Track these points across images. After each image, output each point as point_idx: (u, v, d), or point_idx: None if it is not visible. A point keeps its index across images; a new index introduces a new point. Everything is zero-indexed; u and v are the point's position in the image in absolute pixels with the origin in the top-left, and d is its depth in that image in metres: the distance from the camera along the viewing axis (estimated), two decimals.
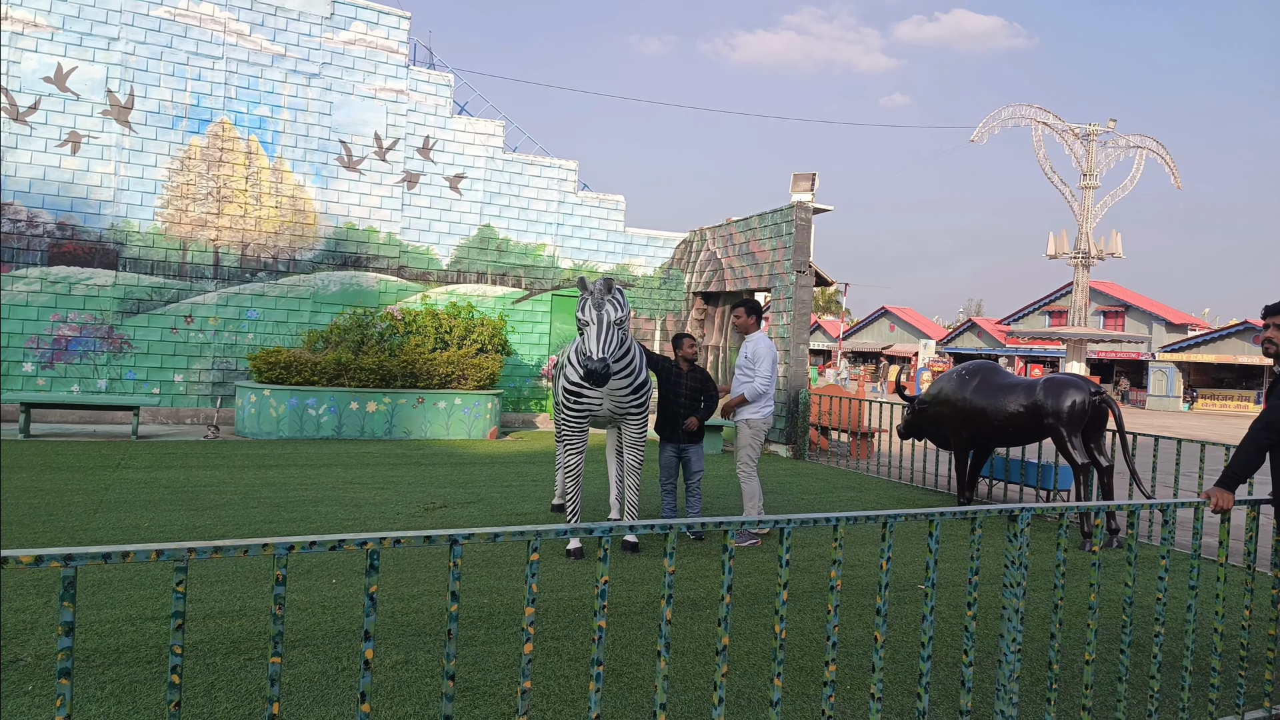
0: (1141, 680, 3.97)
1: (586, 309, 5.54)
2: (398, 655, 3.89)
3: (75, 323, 12.29)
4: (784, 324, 12.86)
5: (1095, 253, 28.08)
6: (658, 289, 16.51)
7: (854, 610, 4.91)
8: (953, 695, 3.75)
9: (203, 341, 13.01)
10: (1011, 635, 3.00)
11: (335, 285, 13.88)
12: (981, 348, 51.29)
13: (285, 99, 13.51)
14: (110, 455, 9.34)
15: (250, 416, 11.63)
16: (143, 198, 12.67)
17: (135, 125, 12.59)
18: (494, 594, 4.91)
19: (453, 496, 7.89)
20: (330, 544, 2.03)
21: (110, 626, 4.06)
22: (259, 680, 3.52)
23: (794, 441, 12.47)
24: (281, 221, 13.52)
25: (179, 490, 7.54)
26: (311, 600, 4.62)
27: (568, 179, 15.74)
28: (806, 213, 12.85)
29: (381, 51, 14.16)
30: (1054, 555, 3.15)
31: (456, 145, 14.79)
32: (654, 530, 2.44)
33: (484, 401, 12.84)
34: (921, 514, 2.87)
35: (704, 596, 5.09)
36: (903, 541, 6.80)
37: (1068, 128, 28.14)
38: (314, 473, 8.85)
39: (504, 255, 15.22)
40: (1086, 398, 7.32)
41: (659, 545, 6.35)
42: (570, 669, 3.84)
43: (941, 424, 8.58)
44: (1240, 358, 39.65)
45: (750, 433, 6.58)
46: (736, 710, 3.49)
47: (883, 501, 8.96)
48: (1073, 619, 4.86)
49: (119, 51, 12.47)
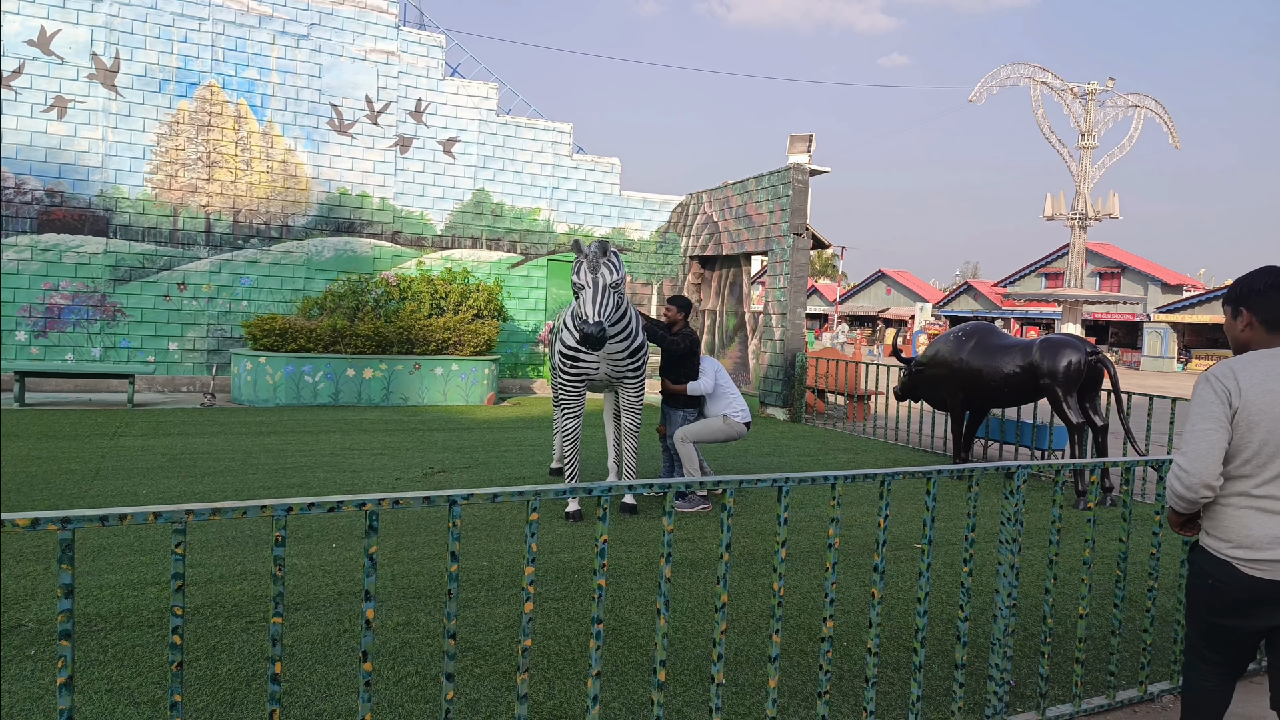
0: (1134, 634, 4.02)
1: (582, 272, 5.50)
2: (399, 617, 3.92)
3: (67, 291, 12.21)
4: (781, 287, 12.82)
5: (1092, 214, 27.96)
6: (654, 253, 16.42)
7: (851, 569, 4.96)
8: (948, 650, 3.80)
9: (196, 309, 12.94)
10: (1007, 590, 3.03)
11: (329, 251, 13.78)
12: (978, 310, 51.31)
13: (274, 61, 13.28)
14: (107, 423, 9.33)
15: (246, 384, 11.61)
16: (131, 163, 12.50)
17: (122, 89, 12.38)
18: (493, 556, 4.94)
19: (451, 462, 7.91)
20: (329, 505, 2.03)
21: (111, 592, 4.09)
22: (261, 642, 3.55)
23: (790, 405, 12.50)
24: (273, 187, 13.37)
25: (176, 457, 7.55)
26: (311, 564, 4.65)
27: (562, 142, 15.55)
28: (803, 175, 12.73)
29: (371, 11, 13.89)
30: (1049, 513, 3.17)
31: (449, 108, 14.59)
32: (652, 490, 2.44)
33: (481, 367, 12.82)
34: (919, 472, 2.88)
35: (702, 557, 5.13)
36: (900, 501, 6.85)
37: (1066, 87, 27.84)
38: (311, 439, 8.86)
39: (499, 220, 15.09)
40: (1082, 358, 7.32)
41: (657, 507, 6.39)
42: (570, 629, 3.87)
43: (938, 385, 8.60)
44: None
45: (722, 426, 6.42)
46: (735, 666, 3.53)
47: (879, 462, 9.01)
48: (1067, 575, 4.92)
49: (103, 14, 12.22)
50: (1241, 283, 2.59)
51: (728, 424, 6.44)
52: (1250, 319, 2.53)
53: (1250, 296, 2.54)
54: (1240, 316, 2.57)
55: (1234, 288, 2.60)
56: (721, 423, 6.44)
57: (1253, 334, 2.54)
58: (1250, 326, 2.54)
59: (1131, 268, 45.32)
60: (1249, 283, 2.56)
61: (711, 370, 6.53)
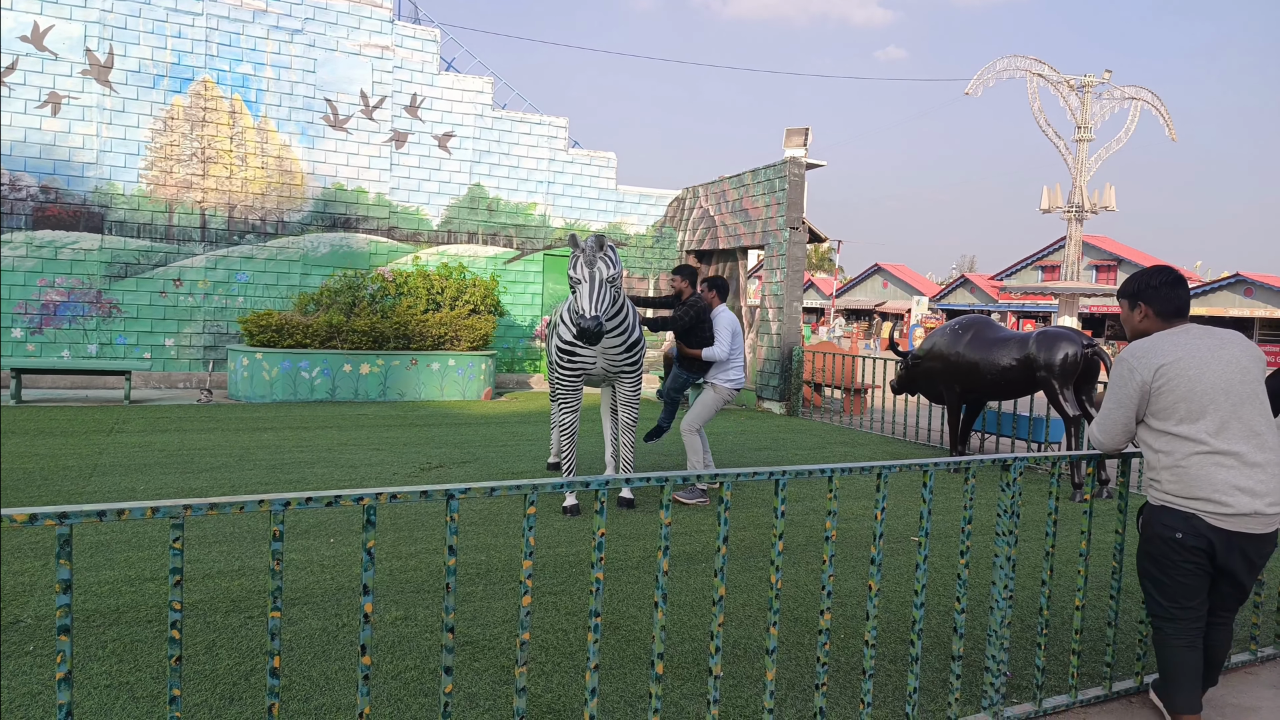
0: (1130, 625, 4.04)
1: (579, 267, 5.50)
2: (397, 611, 3.92)
3: (63, 287, 12.17)
4: (777, 281, 12.82)
5: (1089, 206, 27.97)
6: (650, 247, 16.40)
7: (848, 562, 4.97)
8: (945, 641, 3.82)
9: (192, 305, 12.91)
10: (1003, 582, 3.04)
11: (325, 247, 13.75)
12: (974, 303, 51.34)
13: (268, 56, 13.23)
14: (103, 420, 9.32)
15: (243, 380, 11.60)
16: (126, 159, 12.46)
17: (116, 85, 12.33)
18: (491, 550, 4.95)
19: (448, 457, 7.91)
20: (326, 500, 2.03)
21: (109, 587, 4.09)
22: (259, 637, 3.55)
23: (788, 399, 12.51)
24: (268, 182, 13.33)
25: (174, 454, 7.54)
26: (310, 560, 4.66)
27: (558, 136, 15.52)
28: (800, 168, 12.72)
29: (365, 6, 13.83)
30: (1045, 505, 3.19)
31: (444, 103, 14.55)
32: (650, 483, 2.45)
33: (478, 362, 12.81)
34: (916, 465, 2.89)
35: (699, 550, 5.14)
36: (896, 494, 6.87)
37: (1063, 79, 27.82)
38: (308, 435, 8.85)
39: (495, 215, 15.07)
40: (1078, 350, 7.34)
41: (655, 500, 6.40)
42: (568, 622, 3.88)
43: (935, 379, 8.61)
44: (1231, 310, 39.78)
45: (714, 397, 6.44)
46: (733, 659, 3.54)
47: (876, 456, 9.03)
48: (1063, 567, 4.93)
49: (97, 9, 12.16)
50: (1138, 279, 3.05)
51: (718, 393, 6.45)
52: (1147, 310, 3.01)
53: (1147, 292, 3.01)
54: (1138, 309, 3.04)
55: (1130, 283, 3.08)
56: (713, 395, 6.46)
57: (1149, 324, 3.02)
58: (1147, 317, 3.02)
59: (1128, 260, 45.36)
60: (1145, 279, 3.02)
61: (728, 334, 6.47)
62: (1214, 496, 2.79)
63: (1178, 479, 2.86)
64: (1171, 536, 2.86)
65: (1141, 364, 2.92)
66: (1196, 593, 2.90)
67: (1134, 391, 2.94)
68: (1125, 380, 2.96)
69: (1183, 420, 2.84)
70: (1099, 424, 3.07)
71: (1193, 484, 2.82)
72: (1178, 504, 2.86)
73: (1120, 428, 3.00)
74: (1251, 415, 2.86)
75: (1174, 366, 2.85)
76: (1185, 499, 2.84)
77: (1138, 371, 2.92)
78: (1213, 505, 2.79)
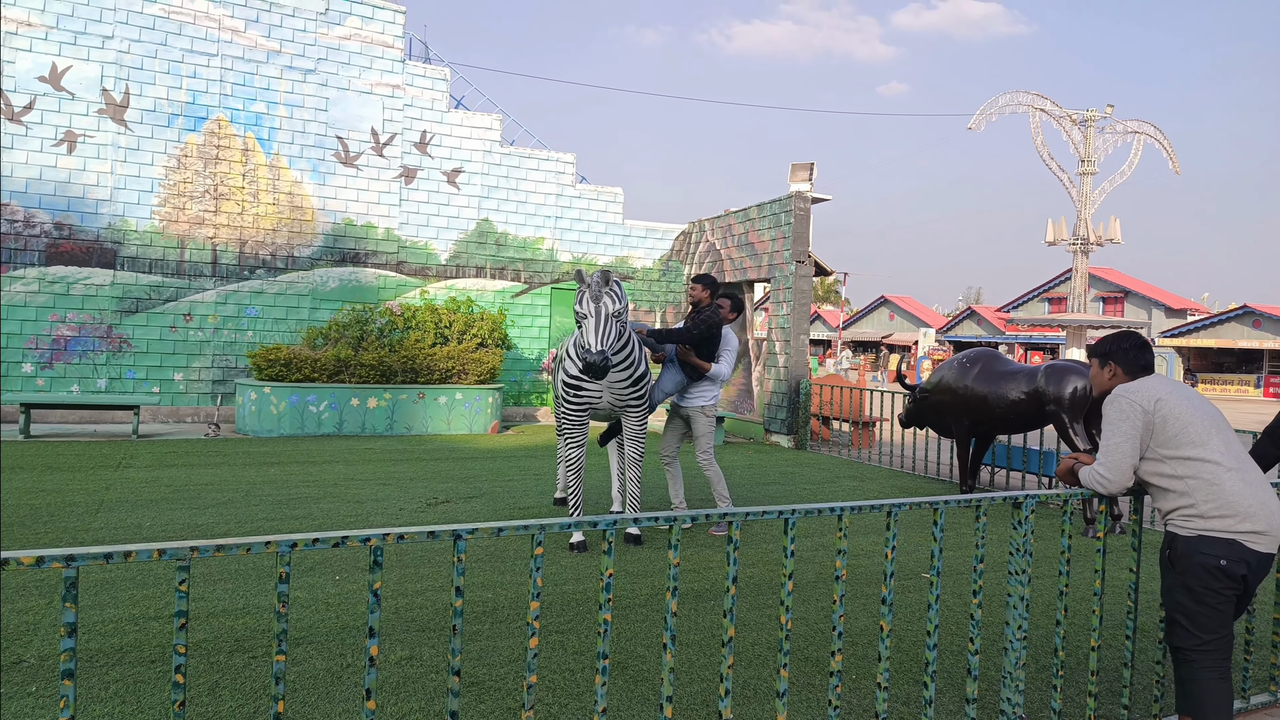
0: (1147, 665, 3.96)
1: (584, 301, 5.52)
2: (403, 651, 3.88)
3: (74, 322, 12.27)
4: (784, 314, 12.83)
5: (1094, 239, 28.01)
6: (657, 281, 16.47)
7: (859, 600, 4.91)
8: (959, 683, 3.75)
9: (202, 340, 12.99)
10: (1017, 622, 3.00)
11: (334, 281, 13.85)
12: (981, 335, 51.25)
13: (281, 95, 13.46)
14: (111, 455, 9.33)
15: (251, 414, 11.62)
16: (140, 196, 12.63)
17: (131, 124, 12.55)
18: (498, 588, 4.90)
19: (455, 491, 7.88)
20: (333, 540, 2.02)
21: (114, 626, 4.06)
22: (264, 678, 3.52)
23: (795, 432, 12.46)
24: (279, 218, 13.48)
25: (181, 489, 7.53)
26: (315, 597, 4.62)
27: (566, 172, 15.69)
28: (805, 203, 12.80)
29: (377, 46, 14.09)
30: (1058, 542, 3.15)
31: (453, 139, 14.74)
32: (657, 523, 2.43)
33: (485, 396, 12.82)
34: (926, 502, 2.86)
35: (708, 588, 5.08)
36: (906, 530, 6.80)
37: (1065, 114, 28.04)
38: (315, 469, 8.84)
39: (503, 249, 15.18)
40: (1088, 383, 7.30)
41: (663, 538, 6.35)
42: (576, 663, 3.83)
43: (943, 412, 8.57)
44: (1240, 342, 39.60)
45: (706, 421, 6.52)
46: (743, 701, 3.48)
47: (885, 490, 8.96)
48: (1077, 605, 4.86)
49: (114, 50, 12.41)
50: (1109, 341, 3.26)
51: (708, 415, 6.54)
52: (1115, 369, 3.22)
53: (1118, 353, 3.22)
54: (1107, 367, 3.24)
55: (1101, 345, 3.28)
56: (705, 420, 6.53)
57: (1117, 381, 3.22)
58: (1116, 375, 3.22)
59: (1135, 292, 45.33)
60: (1116, 342, 3.23)
61: (733, 355, 6.52)
62: (1252, 513, 2.84)
63: (1214, 498, 2.87)
64: (1215, 565, 2.87)
65: (1140, 397, 3.02)
66: (1229, 620, 2.94)
67: (1139, 423, 3.00)
68: (1127, 414, 3.03)
69: (1195, 444, 2.92)
70: (1104, 463, 3.06)
71: (1230, 502, 2.86)
72: (1217, 531, 2.87)
73: (1128, 462, 3.03)
74: (1237, 444, 3.03)
75: (1168, 402, 2.99)
76: (1225, 519, 2.86)
77: (1139, 404, 3.01)
78: (1251, 523, 2.84)
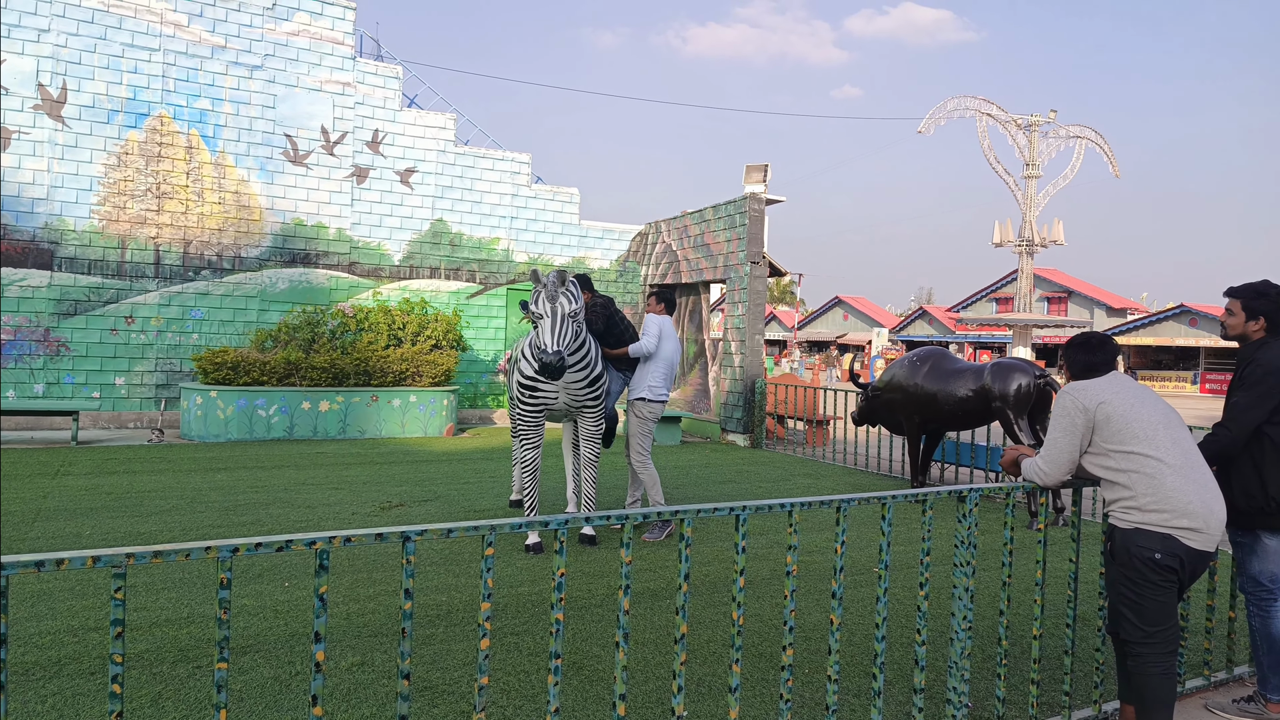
0: (1087, 653, 4.09)
1: (540, 301, 5.50)
2: (354, 657, 3.82)
3: (9, 326, 11.83)
4: (739, 314, 12.93)
5: (1039, 240, 28.77)
6: (614, 281, 16.47)
7: (810, 595, 4.97)
8: (907, 674, 3.83)
9: (145, 343, 12.62)
10: (962, 613, 3.07)
11: (284, 283, 13.57)
12: (933, 334, 52.30)
13: (227, 92, 13.14)
14: (49, 462, 9.02)
15: (197, 419, 11.33)
16: (78, 195, 12.22)
17: (69, 120, 12.14)
18: (451, 591, 4.86)
19: (409, 495, 7.79)
20: (277, 545, 1.98)
21: (51, 638, 3.93)
22: (208, 688, 3.44)
23: (751, 430, 12.57)
24: (225, 218, 13.16)
25: (122, 496, 7.31)
26: (263, 605, 4.53)
27: (521, 172, 15.60)
28: (760, 204, 12.93)
29: (327, 43, 13.85)
30: (1002, 534, 3.23)
31: (407, 139, 14.56)
32: (610, 522, 2.44)
33: (439, 398, 12.69)
34: (874, 497, 2.91)
35: (663, 587, 5.10)
36: (857, 526, 6.91)
37: (1011, 118, 28.75)
38: (264, 475, 8.66)
39: (457, 250, 15.03)
40: (1031, 381, 7.50)
41: (616, 537, 6.35)
42: (530, 664, 3.82)
43: (894, 409, 8.73)
44: (1177, 340, 41.02)
45: (638, 421, 6.36)
46: (696, 698, 3.51)
47: (839, 487, 9.08)
48: (1020, 595, 4.99)
49: (50, 44, 12.00)
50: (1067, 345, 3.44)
51: (638, 413, 6.36)
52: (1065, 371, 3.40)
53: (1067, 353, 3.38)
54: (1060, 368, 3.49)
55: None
56: (636, 420, 6.36)
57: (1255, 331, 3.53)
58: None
59: (1078, 292, 46.67)
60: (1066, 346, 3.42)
61: (655, 328, 6.40)
62: (1189, 510, 2.94)
63: (1152, 492, 2.98)
64: (1150, 557, 2.98)
65: (1084, 397, 3.15)
66: (1172, 612, 3.05)
67: (1081, 421, 3.13)
68: (1070, 412, 3.17)
69: (1139, 439, 3.03)
70: (1045, 456, 3.23)
71: (1168, 497, 2.96)
72: (1153, 525, 2.98)
73: (1066, 457, 3.17)
74: (1188, 443, 3.11)
75: (1111, 403, 3.11)
76: (1161, 513, 2.96)
77: (1081, 403, 3.15)
78: (1187, 520, 2.94)
